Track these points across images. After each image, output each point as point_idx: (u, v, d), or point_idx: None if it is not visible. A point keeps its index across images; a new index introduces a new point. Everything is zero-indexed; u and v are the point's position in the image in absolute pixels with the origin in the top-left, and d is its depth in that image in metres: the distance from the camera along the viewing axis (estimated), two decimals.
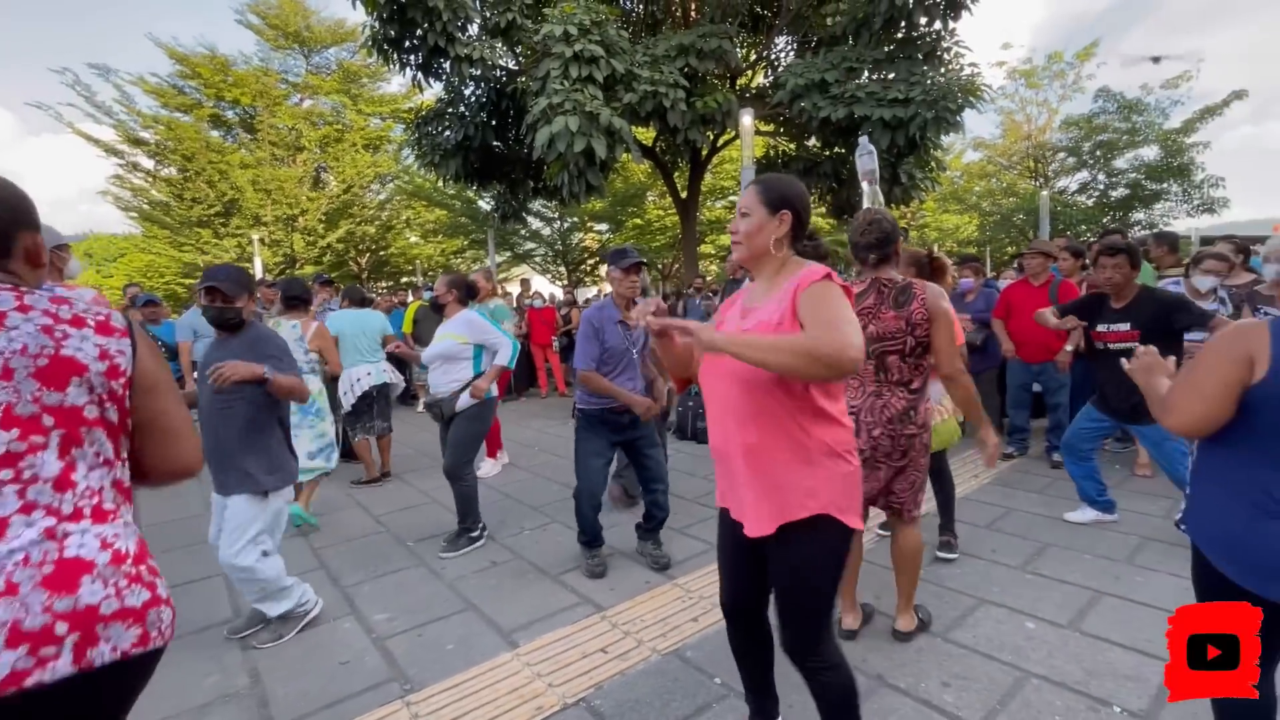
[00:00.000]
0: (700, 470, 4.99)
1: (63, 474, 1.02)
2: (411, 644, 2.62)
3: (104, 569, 1.02)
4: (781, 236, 1.54)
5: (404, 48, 8.40)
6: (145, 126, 17.66)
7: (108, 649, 0.99)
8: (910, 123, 7.32)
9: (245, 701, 2.28)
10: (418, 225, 21.71)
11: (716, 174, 17.07)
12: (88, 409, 1.05)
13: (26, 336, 1.01)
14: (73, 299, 1.11)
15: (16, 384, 0.99)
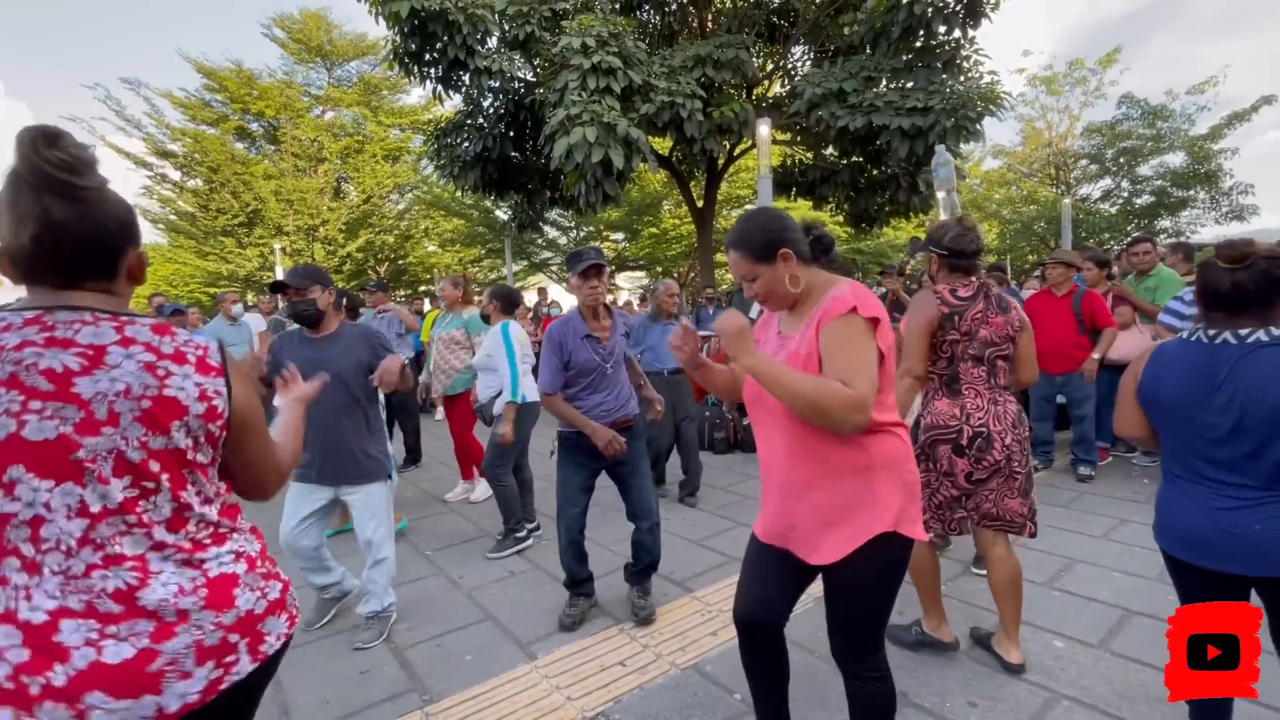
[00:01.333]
0: (719, 481, 4.96)
1: (175, 514, 1.04)
2: (430, 654, 2.62)
3: (246, 578, 1.11)
4: (795, 272, 1.50)
5: (424, 61, 8.55)
6: (174, 139, 18.12)
7: (273, 638, 1.13)
8: (929, 131, 7.27)
9: (266, 710, 2.30)
10: (436, 234, 21.97)
11: (732, 183, 17.09)
12: (189, 453, 1.04)
13: (129, 376, 0.98)
14: (179, 332, 1.08)
15: (123, 430, 0.97)
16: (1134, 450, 4.98)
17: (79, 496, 0.95)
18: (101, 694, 0.92)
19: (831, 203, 10.99)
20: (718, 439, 5.76)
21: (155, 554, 1.01)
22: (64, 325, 0.97)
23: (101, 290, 1.04)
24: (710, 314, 7.99)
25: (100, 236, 1.00)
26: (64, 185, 0.95)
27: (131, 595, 0.98)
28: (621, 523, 3.04)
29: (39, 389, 0.94)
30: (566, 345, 2.69)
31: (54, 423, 0.94)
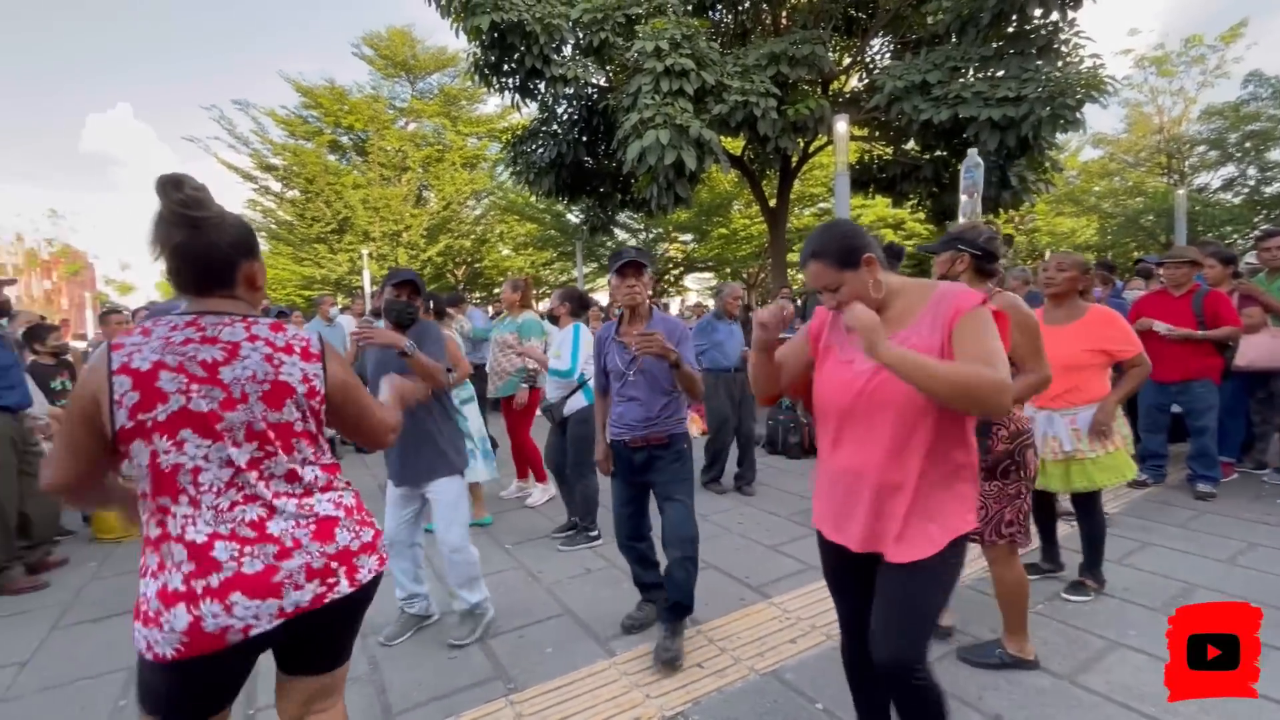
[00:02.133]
0: (792, 486, 4.86)
1: (290, 469, 1.34)
2: (513, 645, 2.71)
3: (344, 521, 1.39)
4: (878, 277, 1.51)
5: (503, 71, 8.85)
6: (275, 154, 19.60)
7: (365, 571, 1.39)
8: (1022, 122, 6.83)
9: (366, 687, 2.45)
10: (510, 238, 22.69)
11: (805, 181, 16.71)
12: (296, 424, 1.34)
13: (254, 365, 1.29)
14: (284, 327, 1.37)
15: (250, 406, 1.28)
16: (1264, 466, 4.50)
17: (225, 453, 1.26)
18: (241, 594, 1.23)
19: (913, 199, 10.53)
20: (792, 443, 5.65)
21: (278, 497, 1.31)
22: (211, 326, 1.28)
23: (227, 297, 1.33)
24: None
25: (214, 255, 1.29)
26: (185, 218, 1.24)
27: (262, 525, 1.28)
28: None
29: (197, 374, 1.24)
30: (603, 347, 2.69)
31: (206, 400, 1.24)
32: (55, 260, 27.15)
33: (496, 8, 7.77)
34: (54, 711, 2.38)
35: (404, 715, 2.26)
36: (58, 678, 2.61)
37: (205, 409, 1.24)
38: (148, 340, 1.24)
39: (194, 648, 1.20)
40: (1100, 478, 2.78)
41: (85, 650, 2.84)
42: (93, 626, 3.07)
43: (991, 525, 2.29)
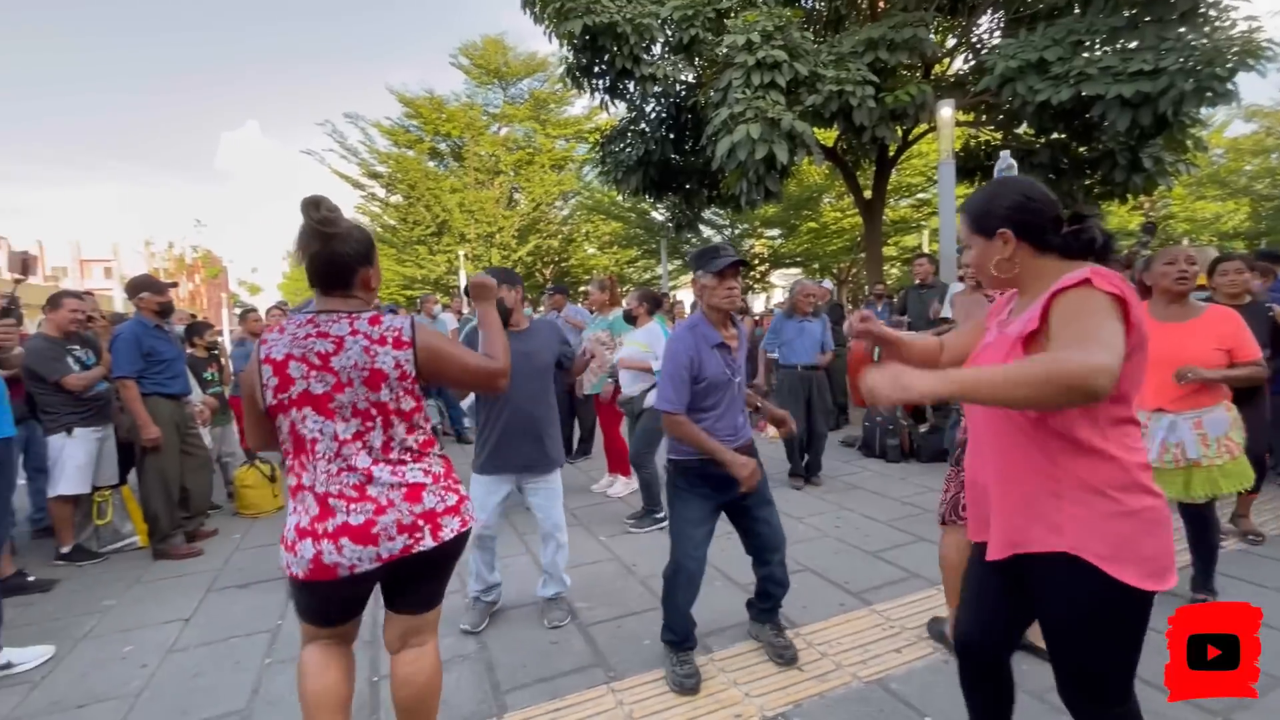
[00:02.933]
0: (892, 491, 4.67)
1: (387, 441, 1.61)
2: (612, 634, 2.78)
3: (431, 487, 1.64)
4: (1008, 257, 1.38)
5: (593, 73, 9.01)
6: (381, 162, 21.03)
7: (447, 530, 1.64)
8: (1160, 97, 6.14)
9: (475, 664, 2.60)
10: (595, 238, 23.14)
11: (903, 171, 15.89)
12: (390, 403, 1.60)
13: (356, 355, 1.55)
14: (382, 320, 1.60)
15: (355, 389, 1.56)
16: None
17: (334, 428, 1.57)
18: (348, 539, 1.54)
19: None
20: (890, 446, 5.41)
21: (375, 465, 1.59)
22: (324, 323, 1.58)
23: (343, 295, 1.64)
24: (879, 311, 7.51)
25: (338, 263, 1.60)
26: (319, 233, 1.56)
27: (362, 489, 1.57)
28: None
29: (313, 363, 1.55)
30: (698, 355, 2.29)
31: (321, 384, 1.55)
32: (198, 264, 30.40)
33: (589, 11, 7.92)
34: (215, 663, 2.69)
35: (512, 693, 2.37)
36: (215, 634, 2.95)
37: (320, 391, 1.55)
38: (281, 337, 1.58)
39: (315, 574, 1.55)
40: (1225, 484, 2.62)
41: (236, 611, 3.18)
42: (239, 591, 3.44)
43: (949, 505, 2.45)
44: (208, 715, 2.33)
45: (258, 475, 4.86)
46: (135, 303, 3.97)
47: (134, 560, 3.96)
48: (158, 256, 29.82)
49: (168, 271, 28.30)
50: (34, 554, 4.00)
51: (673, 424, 2.31)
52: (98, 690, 2.52)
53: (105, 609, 3.27)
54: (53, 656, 2.77)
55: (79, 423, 3.84)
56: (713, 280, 2.31)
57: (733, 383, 2.37)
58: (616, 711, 2.23)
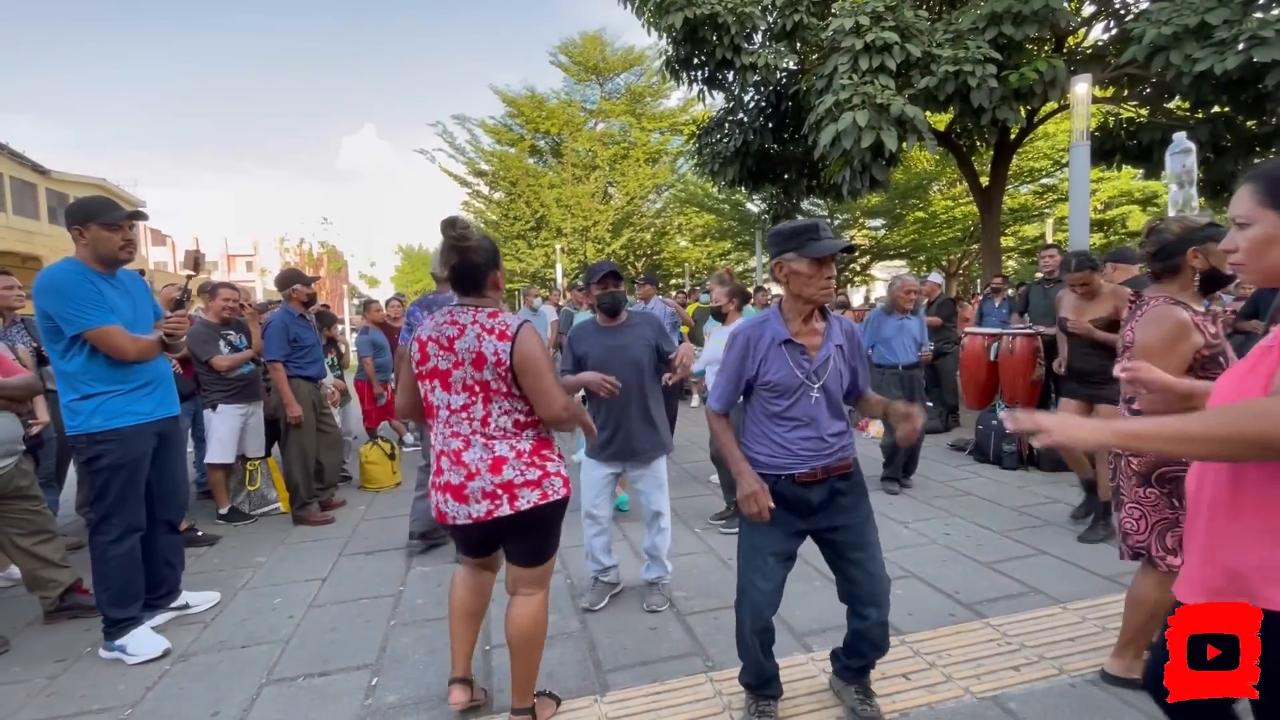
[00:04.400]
0: (1007, 499, 4.36)
1: (485, 416, 1.89)
2: (709, 625, 2.80)
3: (513, 461, 1.89)
4: None
5: (692, 65, 8.98)
6: (485, 160, 22.08)
7: (523, 501, 1.88)
8: None
9: (579, 642, 2.71)
10: (688, 230, 23.11)
11: (1023, 155, 14.64)
12: (493, 383, 1.86)
13: (471, 340, 1.85)
14: (499, 315, 1.89)
15: (465, 368, 1.86)
16: None
17: (447, 398, 1.90)
18: (449, 496, 1.90)
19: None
20: (1007, 452, 5.05)
21: (474, 434, 1.89)
22: (457, 314, 1.92)
23: (477, 294, 1.95)
24: (997, 307, 7.00)
25: (473, 270, 1.92)
26: (458, 248, 1.88)
27: (459, 454, 1.89)
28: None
29: (443, 344, 1.88)
30: (756, 351, 1.98)
31: (446, 362, 1.88)
32: (323, 259, 33.30)
33: (690, 3, 7.89)
34: (348, 620, 2.98)
35: (614, 673, 2.46)
36: (347, 594, 3.27)
37: (444, 368, 1.87)
38: (429, 322, 1.95)
39: (439, 518, 1.95)
40: None
41: (364, 575, 3.50)
42: (365, 558, 3.78)
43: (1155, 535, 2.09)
44: (344, 665, 2.59)
45: (380, 453, 5.30)
46: (287, 294, 4.44)
47: (278, 524, 4.45)
48: (290, 252, 32.97)
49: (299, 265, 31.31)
50: (199, 514, 4.59)
51: (711, 420, 2.11)
52: (256, 634, 2.87)
53: (257, 565, 3.70)
54: (218, 602, 3.18)
55: (223, 400, 4.34)
56: (807, 266, 1.89)
57: (807, 388, 1.95)
58: (715, 701, 2.26)
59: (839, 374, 2.01)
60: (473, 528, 1.92)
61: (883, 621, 2.03)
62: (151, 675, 2.55)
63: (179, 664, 2.64)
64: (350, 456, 5.79)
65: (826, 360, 1.97)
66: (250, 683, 2.48)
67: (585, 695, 2.32)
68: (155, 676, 2.54)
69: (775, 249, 1.95)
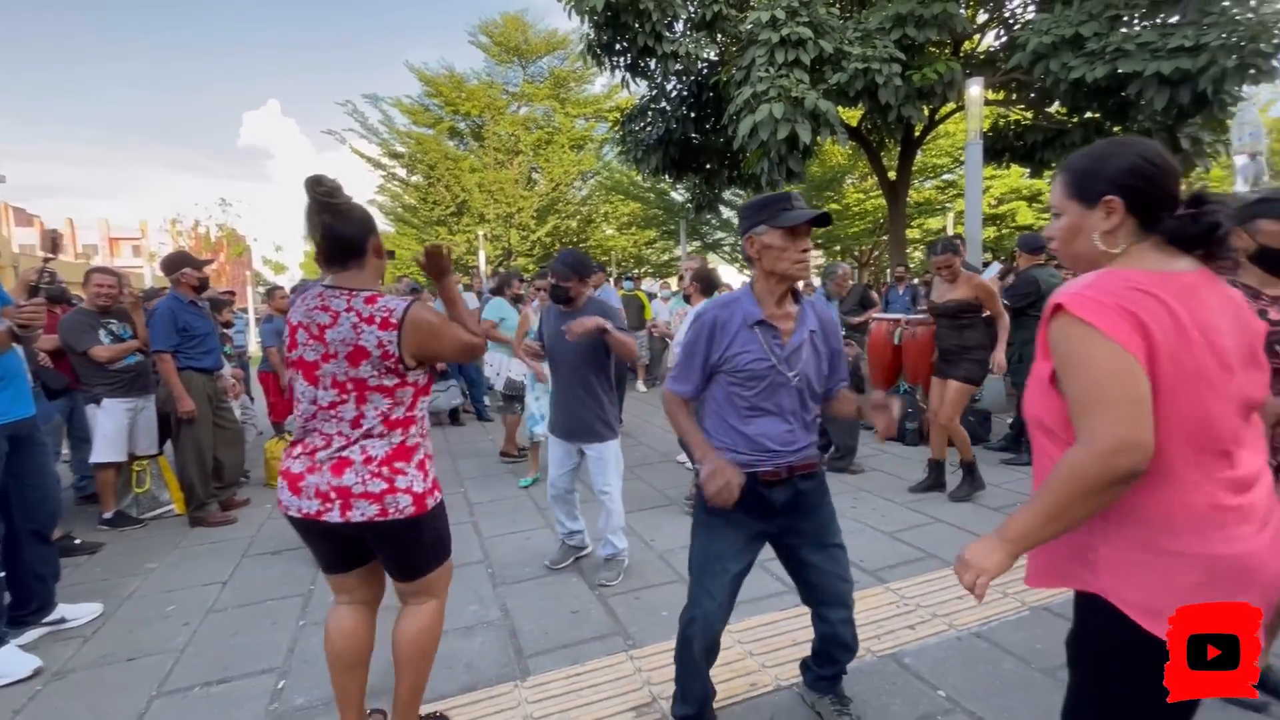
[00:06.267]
0: (909, 473, 4.68)
1: (357, 416, 1.68)
2: (630, 605, 2.86)
3: (359, 467, 1.66)
4: (1112, 231, 1.11)
5: (614, 51, 8.94)
6: (401, 142, 21.09)
7: (357, 513, 1.65)
8: (1201, 75, 5.94)
9: (499, 630, 2.69)
10: (614, 218, 23.06)
11: (928, 151, 15.59)
12: (370, 379, 1.66)
13: (346, 330, 1.63)
14: (380, 300, 1.66)
15: (338, 362, 1.65)
16: None
17: (313, 393, 1.69)
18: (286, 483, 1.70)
19: (1055, 169, 9.52)
20: (909, 429, 5.41)
21: (338, 434, 1.68)
22: (328, 298, 1.67)
23: (355, 268, 1.71)
24: (900, 294, 7.45)
25: (346, 238, 1.68)
26: (326, 205, 1.65)
27: (314, 451, 1.68)
28: None
29: (312, 331, 1.66)
30: (725, 332, 1.80)
31: (314, 352, 1.67)
32: (222, 243, 30.87)
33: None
34: (252, 624, 2.82)
35: (535, 658, 2.46)
36: (251, 597, 3.09)
37: (311, 359, 1.68)
38: (300, 305, 1.72)
39: (280, 506, 1.74)
40: None
41: (270, 576, 3.32)
42: (273, 557, 3.58)
43: None
44: (247, 670, 2.45)
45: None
46: (175, 278, 4.08)
47: (172, 527, 4.13)
48: (184, 235, 30.34)
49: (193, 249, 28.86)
50: (79, 519, 4.18)
51: (667, 403, 1.91)
52: (145, 645, 2.67)
53: (148, 571, 3.43)
54: (101, 614, 2.92)
55: (108, 394, 3.97)
56: (780, 238, 1.73)
57: (781, 375, 1.78)
58: (635, 677, 2.31)
59: (815, 362, 1.85)
60: (309, 526, 1.70)
61: (849, 620, 1.94)
62: (19, 698, 2.32)
63: (54, 683, 2.42)
64: (256, 453, 5.45)
65: (800, 346, 1.81)
66: (138, 697, 2.31)
67: (506, 682, 2.31)
68: (24, 699, 2.32)
69: (745, 224, 1.80)
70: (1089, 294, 1.03)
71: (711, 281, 4.19)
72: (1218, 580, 1.03)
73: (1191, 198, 1.11)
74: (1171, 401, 1.01)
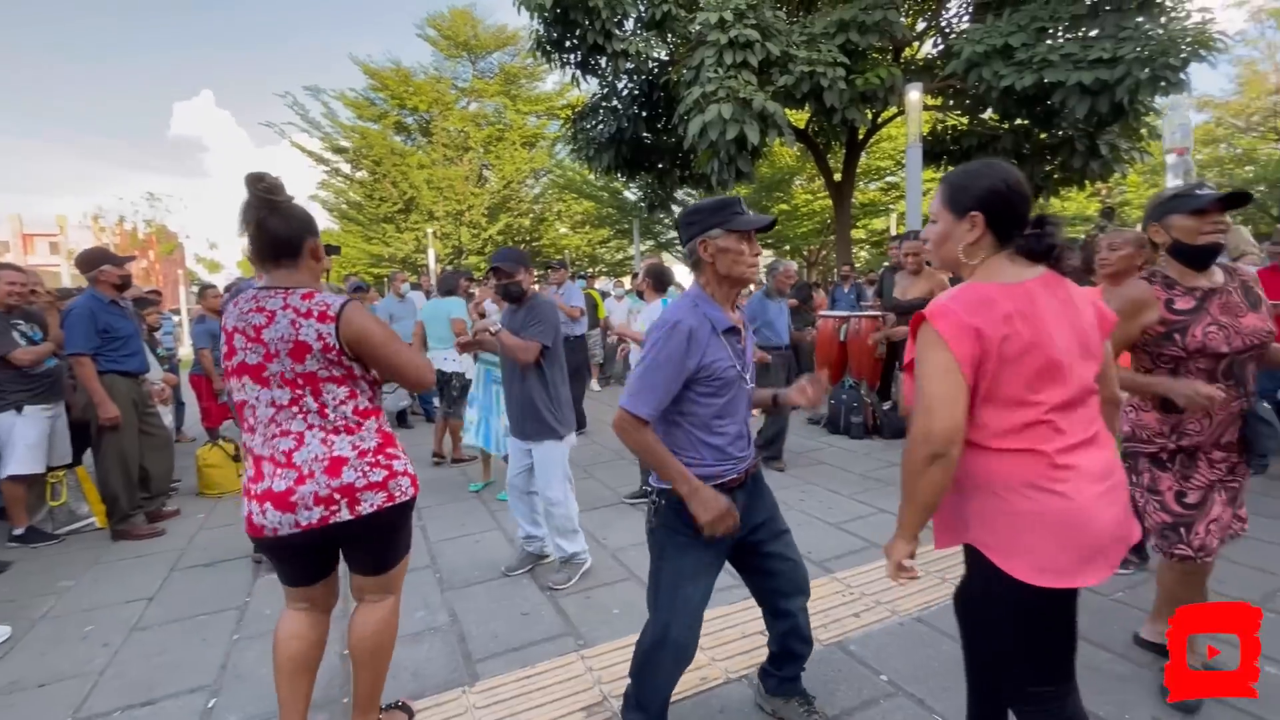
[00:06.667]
0: (854, 466, 4.81)
1: (321, 408, 1.66)
2: (581, 605, 2.84)
3: (355, 461, 1.68)
4: (973, 242, 1.31)
5: (564, 48, 8.88)
6: (345, 136, 20.40)
7: (366, 505, 1.68)
8: (1117, 85, 6.34)
9: (448, 635, 2.63)
10: (567, 217, 22.91)
11: (872, 154, 16.08)
12: (319, 371, 1.65)
13: (284, 328, 1.62)
14: (315, 295, 1.66)
15: (281, 360, 1.63)
16: None
17: (269, 395, 1.65)
18: (270, 504, 1.64)
19: None
20: (854, 423, 5.57)
21: (309, 430, 1.66)
22: (263, 298, 1.65)
23: (289, 268, 1.69)
24: (846, 292, 7.66)
25: (285, 232, 1.66)
26: (265, 201, 1.62)
27: (290, 455, 1.65)
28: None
29: (249, 334, 1.64)
30: (700, 340, 1.66)
31: (255, 355, 1.64)
32: (151, 240, 29.18)
33: None
34: (181, 640, 2.67)
35: (484, 662, 2.42)
36: (181, 612, 2.92)
37: (254, 362, 1.64)
38: (234, 309, 1.68)
39: (250, 531, 1.68)
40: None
41: (202, 589, 3.15)
42: (205, 570, 3.40)
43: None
44: (174, 690, 2.32)
45: (221, 454, 4.77)
46: (94, 276, 3.82)
47: (92, 541, 3.87)
48: (107, 231, 28.53)
49: (118, 247, 27.16)
50: None
51: (628, 430, 1.67)
52: (59, 669, 2.49)
53: (63, 590, 3.20)
54: (9, 637, 2.71)
55: (29, 400, 3.70)
56: (736, 242, 1.69)
57: (745, 381, 1.77)
58: (586, 677, 2.30)
59: (752, 363, 1.85)
60: (299, 541, 1.65)
61: (806, 608, 1.94)
62: None
63: None
64: (186, 459, 5.16)
65: (749, 349, 1.84)
66: None
67: (454, 688, 2.26)
68: None
69: (697, 227, 1.72)
70: (947, 305, 1.24)
71: (665, 278, 4.21)
72: (1051, 528, 1.23)
73: (1035, 219, 1.32)
74: (1004, 388, 1.23)
